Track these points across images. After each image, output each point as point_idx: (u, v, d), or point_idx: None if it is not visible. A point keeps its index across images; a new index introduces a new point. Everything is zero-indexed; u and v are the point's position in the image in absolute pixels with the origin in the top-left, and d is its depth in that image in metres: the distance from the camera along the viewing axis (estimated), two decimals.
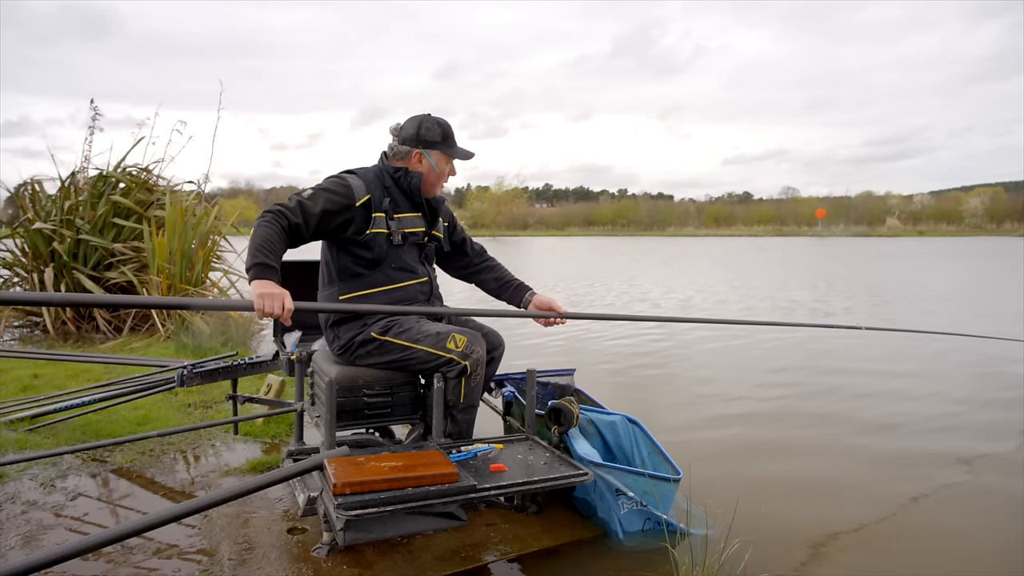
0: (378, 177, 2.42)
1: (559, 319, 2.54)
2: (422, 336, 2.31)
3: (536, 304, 2.58)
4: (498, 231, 66.23)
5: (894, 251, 29.62)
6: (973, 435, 3.50)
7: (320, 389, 2.43)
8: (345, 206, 2.31)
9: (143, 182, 7.10)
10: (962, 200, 75.94)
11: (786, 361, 5.47)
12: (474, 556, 2.08)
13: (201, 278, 6.63)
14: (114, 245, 6.58)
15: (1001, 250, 29.35)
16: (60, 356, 4.22)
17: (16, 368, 4.51)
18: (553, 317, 2.53)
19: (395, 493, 1.86)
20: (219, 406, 3.74)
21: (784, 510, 2.54)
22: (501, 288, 2.70)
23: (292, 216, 2.21)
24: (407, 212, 2.44)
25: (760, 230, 73.36)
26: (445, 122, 2.47)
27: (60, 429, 3.22)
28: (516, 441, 2.49)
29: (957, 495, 2.74)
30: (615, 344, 6.24)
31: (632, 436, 2.54)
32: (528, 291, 2.65)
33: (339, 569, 1.98)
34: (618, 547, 2.20)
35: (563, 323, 2.57)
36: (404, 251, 2.42)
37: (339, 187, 2.33)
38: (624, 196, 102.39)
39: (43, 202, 6.86)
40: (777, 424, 3.73)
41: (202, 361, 3.24)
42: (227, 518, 2.30)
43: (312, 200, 2.27)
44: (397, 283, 2.40)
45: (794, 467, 3.06)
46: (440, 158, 2.46)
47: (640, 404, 4.12)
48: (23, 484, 2.60)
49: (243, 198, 13.87)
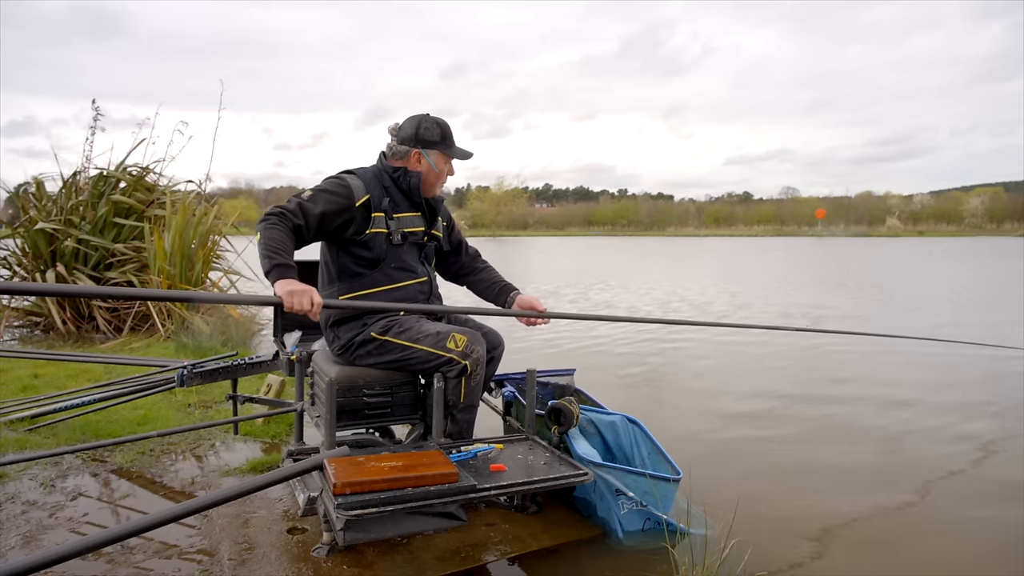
0: (377, 177, 2.42)
1: (542, 319, 2.53)
2: (422, 336, 2.32)
3: (519, 303, 2.57)
4: (498, 231, 66.21)
5: (896, 251, 29.61)
6: (974, 436, 3.50)
7: (320, 389, 2.43)
8: (345, 206, 2.31)
9: (142, 180, 7.10)
10: (962, 200, 75.90)
11: (787, 362, 5.47)
12: (474, 556, 2.09)
13: (201, 278, 6.63)
14: (115, 245, 6.58)
15: (1001, 250, 29.34)
16: (60, 356, 4.22)
17: (16, 368, 4.51)
18: (534, 316, 2.52)
19: (395, 493, 1.87)
20: (219, 406, 3.74)
21: (784, 510, 2.54)
22: (489, 290, 2.69)
23: (294, 217, 2.22)
24: (406, 212, 2.44)
25: (760, 230, 73.31)
26: (444, 122, 2.47)
27: (60, 429, 3.22)
28: (516, 441, 2.49)
29: (958, 495, 2.74)
30: (615, 344, 6.24)
31: (632, 436, 2.54)
32: (513, 291, 2.65)
33: (339, 569, 1.98)
34: (618, 547, 2.20)
35: (546, 323, 2.56)
36: (404, 251, 2.42)
37: (338, 187, 2.33)
38: (624, 196, 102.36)
39: (44, 202, 6.86)
40: (777, 424, 3.73)
41: (202, 361, 3.24)
42: (227, 518, 2.30)
43: (312, 201, 2.27)
44: (397, 283, 2.40)
45: (794, 467, 3.06)
46: (439, 158, 2.46)
47: (640, 404, 4.12)
48: (23, 484, 2.60)
49: (243, 198, 13.88)
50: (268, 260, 2.09)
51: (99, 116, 7.10)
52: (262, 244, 2.13)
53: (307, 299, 1.99)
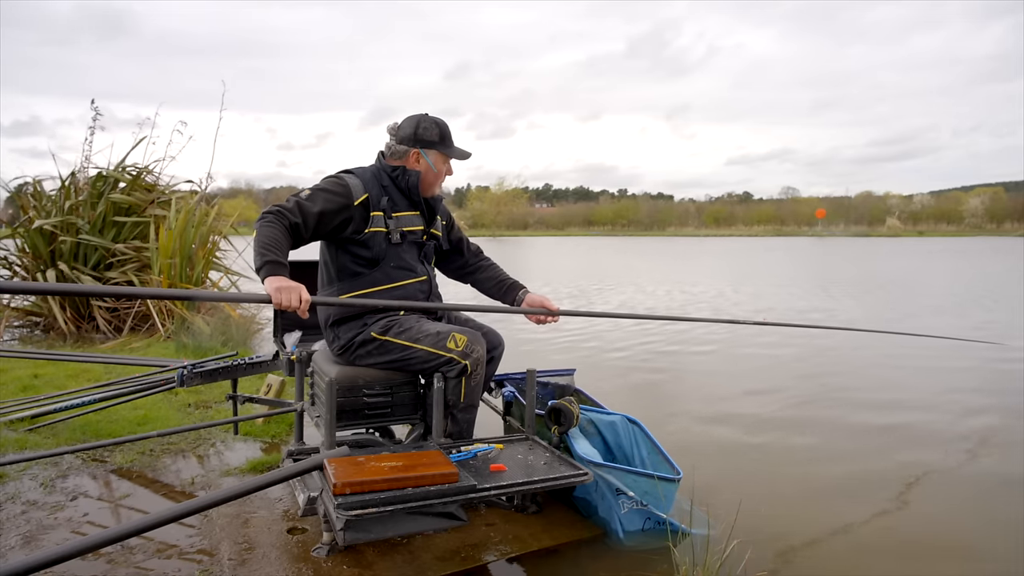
0: (376, 176, 2.42)
1: (552, 317, 2.54)
2: (422, 336, 2.31)
3: (528, 302, 2.58)
4: (498, 231, 66.21)
5: (898, 250, 29.60)
6: (976, 436, 3.50)
7: (320, 389, 2.43)
8: (343, 205, 2.31)
9: (141, 180, 7.09)
10: (962, 200, 75.87)
11: (788, 362, 5.47)
12: (474, 556, 2.08)
13: (201, 278, 6.63)
14: (114, 245, 6.57)
15: (1002, 249, 29.33)
16: (60, 356, 4.22)
17: (16, 368, 4.50)
18: (545, 314, 2.53)
19: (395, 493, 1.86)
20: (219, 406, 3.74)
21: (785, 511, 2.54)
22: (496, 287, 2.70)
23: (291, 216, 2.21)
24: (405, 211, 2.44)
25: (760, 230, 73.29)
26: (443, 122, 2.47)
27: (60, 429, 3.22)
28: (516, 441, 2.49)
29: (959, 496, 2.74)
30: (615, 344, 6.24)
31: (632, 436, 2.54)
32: (521, 289, 2.65)
33: (339, 569, 1.98)
34: (618, 547, 2.20)
35: (556, 320, 2.57)
36: (403, 250, 2.42)
37: (337, 187, 2.33)
38: (624, 196, 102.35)
39: (43, 201, 6.86)
40: (778, 425, 3.72)
41: (202, 361, 3.24)
42: (227, 518, 2.30)
43: (310, 200, 2.27)
44: (396, 282, 2.40)
45: (795, 468, 3.06)
46: (438, 158, 2.46)
47: (641, 404, 4.12)
48: (23, 484, 2.60)
49: (243, 198, 13.86)
50: (260, 257, 2.09)
51: (98, 115, 7.10)
52: (257, 241, 2.13)
53: (295, 295, 1.98)
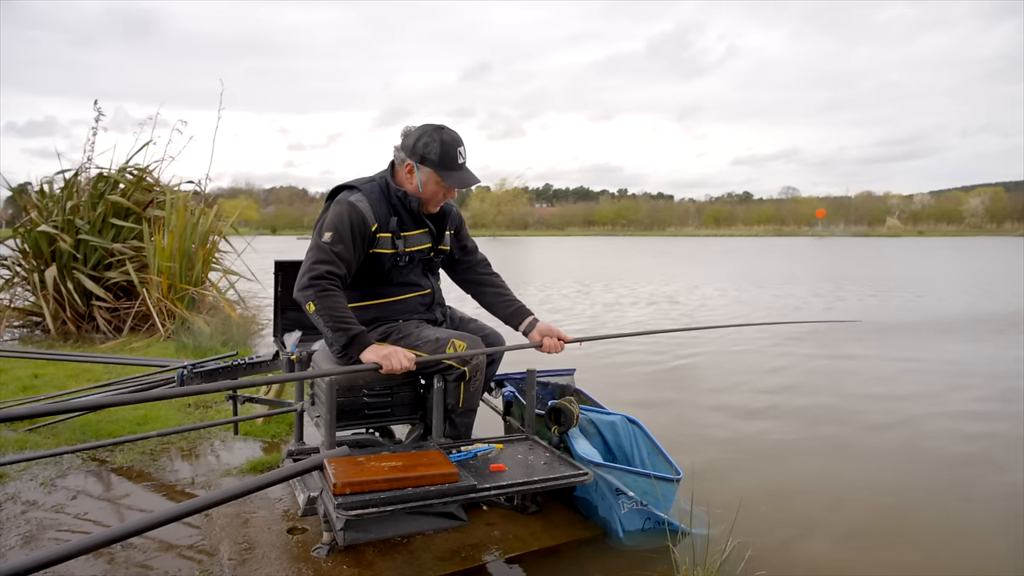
0: (383, 194, 2.37)
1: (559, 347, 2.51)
2: (422, 342, 2.31)
3: (539, 330, 2.55)
4: (498, 231, 66.19)
5: (899, 249, 29.60)
6: (977, 436, 3.50)
7: (320, 389, 2.43)
8: (366, 237, 2.30)
9: (141, 181, 7.10)
10: (962, 200, 75.84)
11: (789, 362, 5.46)
12: (474, 556, 2.08)
13: (201, 278, 6.63)
14: (114, 245, 6.58)
15: (1003, 248, 29.31)
16: (60, 356, 4.22)
17: (16, 368, 4.50)
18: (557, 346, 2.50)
19: (395, 493, 1.86)
20: (219, 406, 3.74)
21: (786, 511, 2.54)
22: (505, 305, 2.65)
23: (338, 269, 2.23)
24: (413, 230, 2.41)
25: (760, 230, 73.31)
26: (451, 141, 2.33)
27: (60, 429, 3.22)
28: (516, 441, 2.48)
29: (960, 496, 2.74)
30: (615, 344, 6.23)
31: (632, 436, 2.54)
32: (529, 316, 2.60)
33: (339, 569, 1.98)
34: (618, 546, 2.19)
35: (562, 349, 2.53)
36: (409, 268, 2.42)
37: (357, 220, 2.28)
38: (624, 196, 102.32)
39: (44, 201, 6.86)
40: (779, 425, 3.72)
41: (202, 361, 3.24)
42: (227, 518, 2.30)
43: (342, 244, 2.25)
44: (399, 296, 2.42)
45: (795, 468, 3.05)
46: (430, 177, 2.34)
47: (641, 404, 4.11)
48: (23, 484, 2.60)
49: (243, 198, 13.89)
50: (343, 334, 2.16)
51: (101, 116, 7.12)
52: (325, 316, 2.16)
53: (403, 358, 2.12)
